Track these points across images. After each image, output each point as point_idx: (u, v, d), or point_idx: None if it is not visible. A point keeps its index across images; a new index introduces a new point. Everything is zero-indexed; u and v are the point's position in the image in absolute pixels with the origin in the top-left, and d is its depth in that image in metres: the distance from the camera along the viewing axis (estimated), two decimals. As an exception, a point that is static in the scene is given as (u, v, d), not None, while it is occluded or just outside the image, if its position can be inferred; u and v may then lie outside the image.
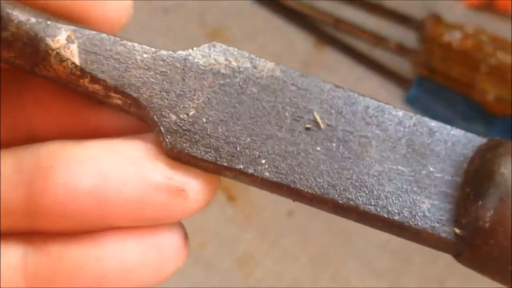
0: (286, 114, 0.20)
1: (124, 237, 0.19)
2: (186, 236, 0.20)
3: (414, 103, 0.55)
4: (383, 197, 0.20)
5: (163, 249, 0.19)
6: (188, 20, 0.58)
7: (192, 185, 0.19)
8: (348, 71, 0.57)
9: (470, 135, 0.21)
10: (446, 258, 0.49)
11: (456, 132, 0.21)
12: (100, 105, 0.20)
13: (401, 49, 0.57)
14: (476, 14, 0.58)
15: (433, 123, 0.21)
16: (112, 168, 0.19)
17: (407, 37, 0.58)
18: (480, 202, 0.19)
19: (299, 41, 0.59)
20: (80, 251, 0.19)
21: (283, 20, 0.59)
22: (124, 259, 0.19)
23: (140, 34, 0.52)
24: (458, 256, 0.20)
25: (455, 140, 0.21)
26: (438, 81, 0.56)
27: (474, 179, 0.20)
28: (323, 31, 0.59)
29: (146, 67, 0.19)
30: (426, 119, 0.21)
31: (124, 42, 0.19)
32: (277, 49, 0.58)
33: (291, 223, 0.52)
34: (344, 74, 0.57)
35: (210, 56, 0.20)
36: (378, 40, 0.58)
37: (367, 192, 0.19)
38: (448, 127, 0.21)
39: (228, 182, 0.54)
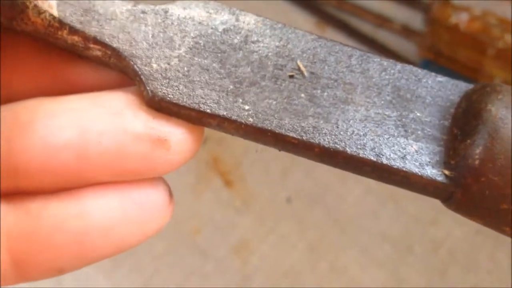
0: (269, 63, 0.20)
1: (105, 192, 0.19)
2: (170, 194, 0.20)
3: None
4: (370, 140, 0.20)
5: (146, 205, 0.19)
6: None
7: (175, 135, 0.19)
8: (351, 54, 0.56)
9: (456, 81, 0.21)
10: (447, 248, 0.48)
11: (442, 79, 0.21)
12: (79, 59, 0.20)
13: (406, 31, 0.56)
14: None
15: (419, 70, 0.21)
16: (91, 119, 0.18)
17: (413, 18, 0.56)
18: (468, 141, 0.19)
19: (300, 21, 0.57)
20: (59, 208, 0.18)
21: (284, -1, 0.57)
22: (105, 216, 0.18)
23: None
24: (449, 200, 0.20)
25: (441, 86, 0.21)
26: (444, 65, 0.54)
27: (462, 120, 0.20)
28: (325, 11, 0.57)
29: (125, 19, 0.19)
30: (411, 66, 0.21)
31: None
32: (278, 30, 0.57)
33: (289, 209, 0.51)
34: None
35: (191, 8, 0.20)
36: (383, 21, 0.56)
37: (354, 136, 0.20)
38: (434, 74, 0.21)
39: (224, 167, 0.53)
